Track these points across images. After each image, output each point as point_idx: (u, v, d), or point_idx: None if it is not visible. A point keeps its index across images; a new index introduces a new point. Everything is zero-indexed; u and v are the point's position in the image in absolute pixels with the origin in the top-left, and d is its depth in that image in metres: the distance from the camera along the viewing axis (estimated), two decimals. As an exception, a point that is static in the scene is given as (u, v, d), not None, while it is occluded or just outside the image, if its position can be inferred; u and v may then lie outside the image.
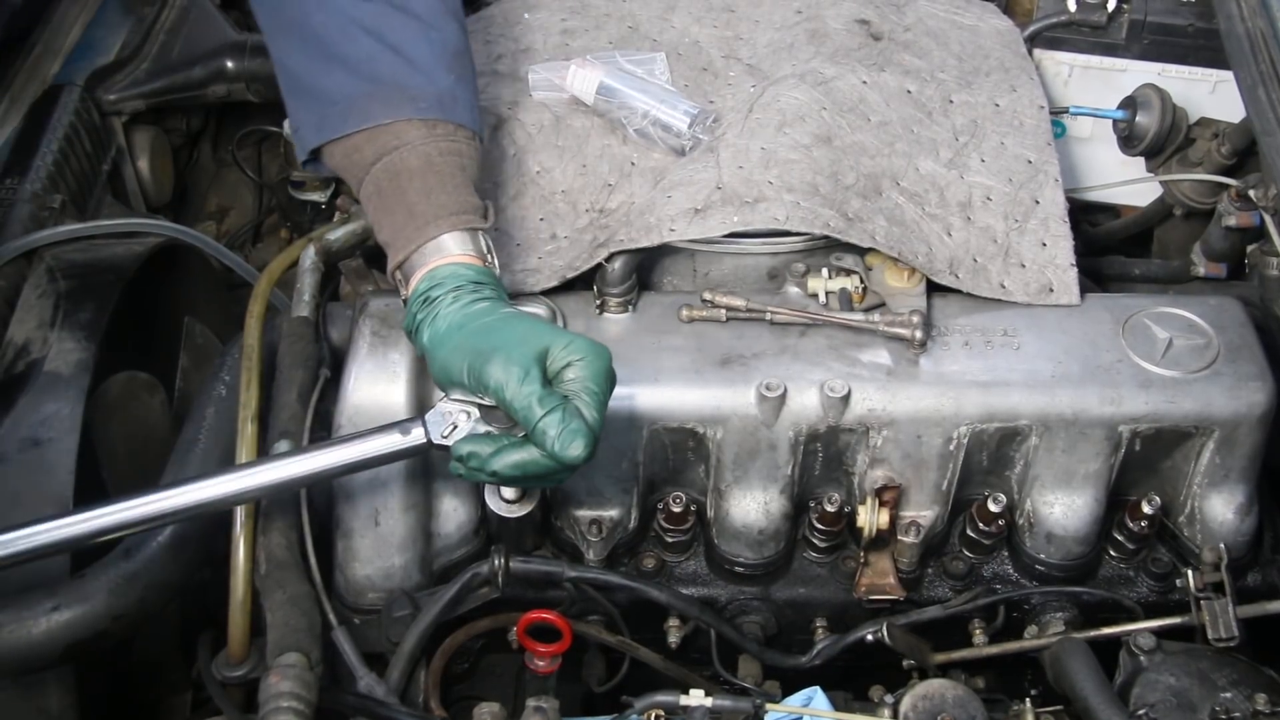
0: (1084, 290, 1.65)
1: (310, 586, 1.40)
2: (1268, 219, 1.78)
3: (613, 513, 1.60)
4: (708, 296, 1.60)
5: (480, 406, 1.31)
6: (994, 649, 1.59)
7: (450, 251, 1.37)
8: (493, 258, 1.41)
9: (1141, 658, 1.46)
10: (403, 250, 1.38)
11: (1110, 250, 2.11)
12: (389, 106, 1.41)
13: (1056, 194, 1.71)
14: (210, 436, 1.53)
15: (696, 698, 1.36)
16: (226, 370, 1.59)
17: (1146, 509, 1.58)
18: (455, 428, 1.31)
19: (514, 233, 1.67)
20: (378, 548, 1.54)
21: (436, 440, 1.31)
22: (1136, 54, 2.06)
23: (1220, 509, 1.61)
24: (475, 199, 1.42)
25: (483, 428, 1.31)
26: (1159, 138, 1.98)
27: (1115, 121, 2.04)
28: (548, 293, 1.62)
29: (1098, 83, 2.09)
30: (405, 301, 1.39)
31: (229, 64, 2.15)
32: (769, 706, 1.38)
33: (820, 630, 1.61)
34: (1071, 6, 2.06)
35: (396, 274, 1.40)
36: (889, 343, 1.57)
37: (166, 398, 1.78)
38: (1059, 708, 1.48)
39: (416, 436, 1.31)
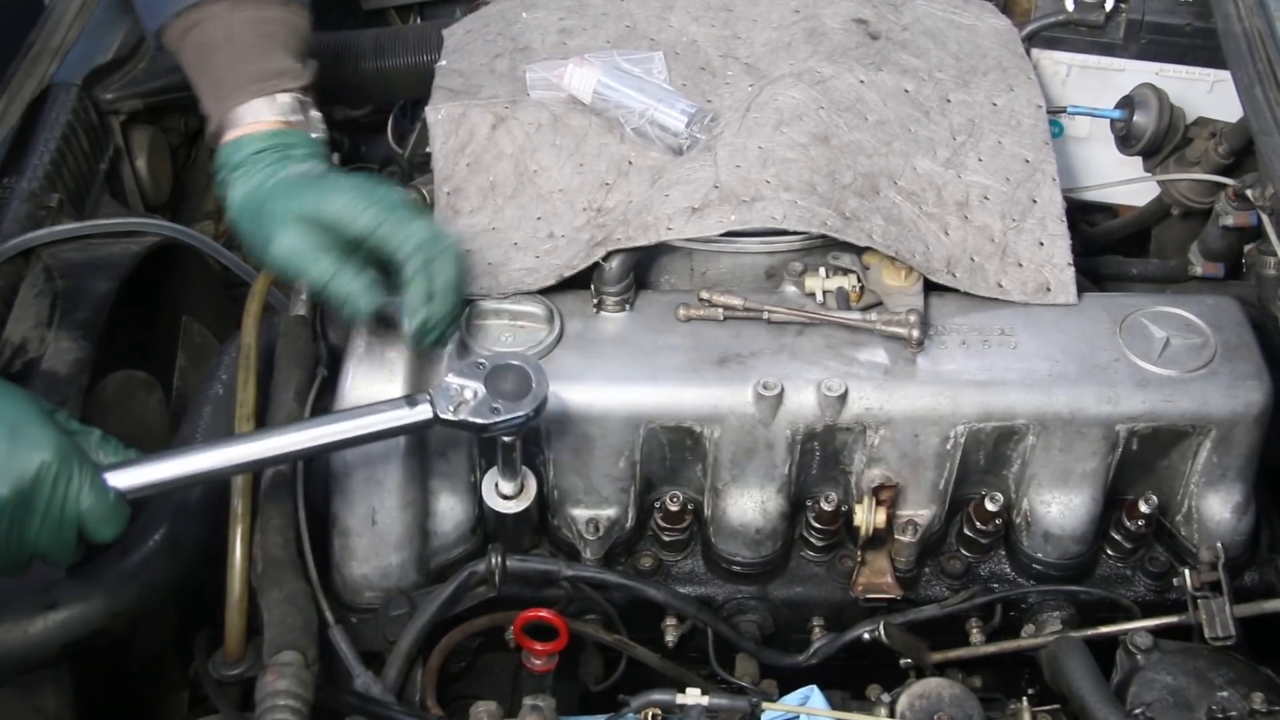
0: (1081, 290, 1.65)
1: (307, 585, 1.40)
2: (1265, 218, 1.78)
3: (610, 512, 1.60)
4: (705, 295, 1.60)
5: (485, 381, 1.34)
6: (991, 648, 1.59)
7: (260, 118, 1.49)
8: (305, 114, 1.53)
9: (1138, 656, 1.46)
10: (214, 120, 1.51)
11: (1108, 250, 2.12)
12: None
13: (1054, 193, 1.71)
14: (207, 435, 1.53)
15: (693, 696, 1.36)
16: (224, 369, 1.59)
17: (1144, 508, 1.58)
18: (463, 403, 1.33)
19: (511, 232, 1.67)
20: (375, 546, 1.54)
21: (444, 416, 1.32)
22: (1134, 53, 2.06)
23: (1217, 508, 1.61)
24: (282, 63, 1.52)
25: (492, 401, 1.33)
26: (1156, 137, 1.98)
27: (1113, 121, 2.04)
28: (545, 292, 1.62)
29: (1095, 82, 2.09)
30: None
31: (226, 63, 2.15)
32: (766, 705, 1.38)
33: (817, 629, 1.61)
34: (1069, 6, 2.06)
35: (213, 141, 1.52)
36: (886, 342, 1.57)
37: (164, 396, 1.78)
38: (1056, 707, 1.48)
39: (423, 411, 1.32)
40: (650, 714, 1.36)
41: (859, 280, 1.61)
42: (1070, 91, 2.11)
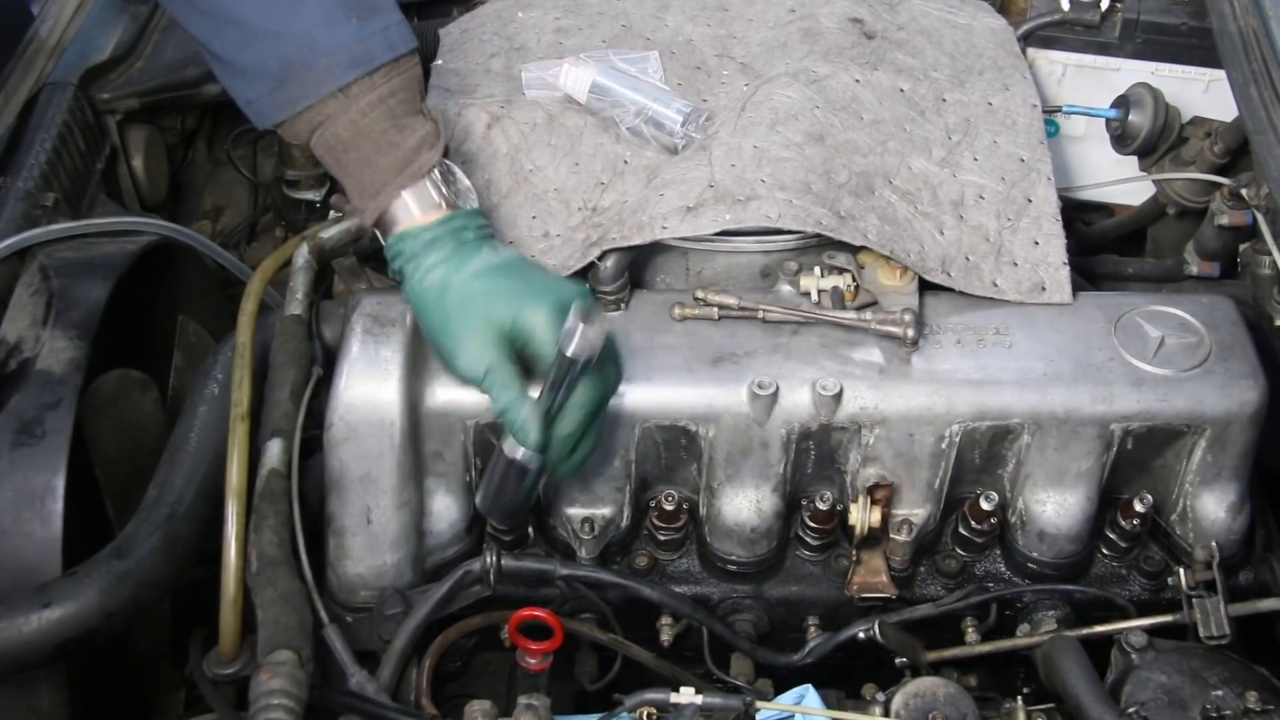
0: (1076, 289, 1.65)
1: (302, 584, 1.40)
2: (1259, 218, 1.78)
3: (605, 511, 1.60)
4: (700, 295, 1.60)
5: None
6: (986, 647, 1.59)
7: (419, 210, 1.47)
8: (454, 178, 1.50)
9: (1133, 655, 1.46)
10: (368, 216, 1.50)
11: (1104, 249, 2.12)
12: (306, 90, 1.44)
13: (1049, 193, 1.71)
14: (202, 434, 1.53)
15: (687, 695, 1.36)
16: (219, 368, 1.59)
17: (1139, 507, 1.58)
18: None
19: (507, 231, 1.67)
20: (370, 545, 1.54)
21: None
22: (1130, 53, 2.07)
23: (1212, 507, 1.61)
24: (415, 136, 1.47)
25: None
26: (1151, 137, 1.99)
27: (1108, 120, 2.04)
28: (540, 291, 1.62)
29: (1091, 81, 2.10)
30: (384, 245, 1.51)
31: (223, 62, 2.15)
32: (761, 704, 1.38)
33: (813, 628, 1.61)
34: (1065, 5, 2.06)
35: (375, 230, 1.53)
36: (881, 341, 1.57)
37: (159, 396, 1.78)
38: (1051, 706, 1.48)
39: None
40: (645, 713, 1.36)
41: (854, 279, 1.61)
42: (1066, 91, 2.11)
